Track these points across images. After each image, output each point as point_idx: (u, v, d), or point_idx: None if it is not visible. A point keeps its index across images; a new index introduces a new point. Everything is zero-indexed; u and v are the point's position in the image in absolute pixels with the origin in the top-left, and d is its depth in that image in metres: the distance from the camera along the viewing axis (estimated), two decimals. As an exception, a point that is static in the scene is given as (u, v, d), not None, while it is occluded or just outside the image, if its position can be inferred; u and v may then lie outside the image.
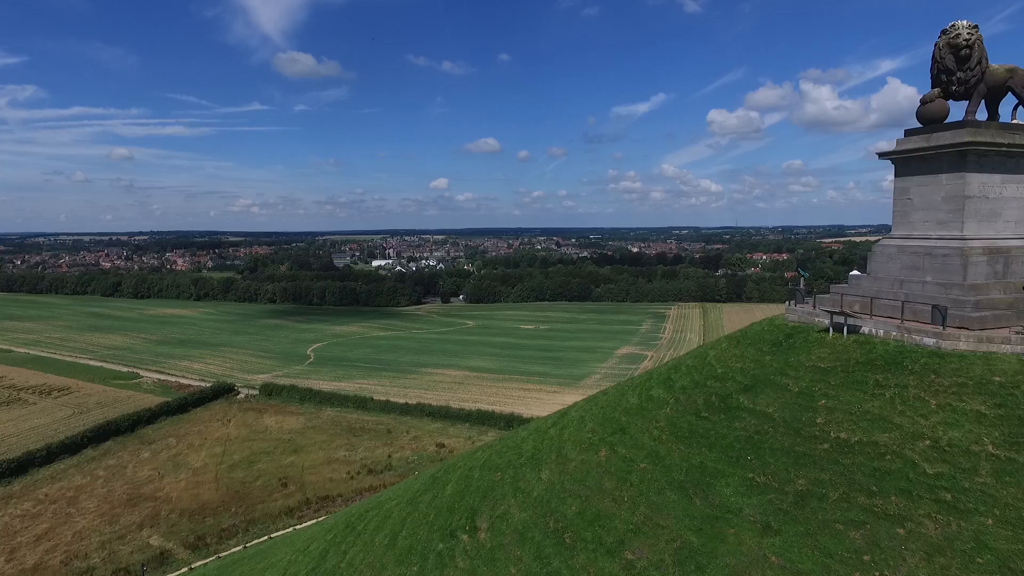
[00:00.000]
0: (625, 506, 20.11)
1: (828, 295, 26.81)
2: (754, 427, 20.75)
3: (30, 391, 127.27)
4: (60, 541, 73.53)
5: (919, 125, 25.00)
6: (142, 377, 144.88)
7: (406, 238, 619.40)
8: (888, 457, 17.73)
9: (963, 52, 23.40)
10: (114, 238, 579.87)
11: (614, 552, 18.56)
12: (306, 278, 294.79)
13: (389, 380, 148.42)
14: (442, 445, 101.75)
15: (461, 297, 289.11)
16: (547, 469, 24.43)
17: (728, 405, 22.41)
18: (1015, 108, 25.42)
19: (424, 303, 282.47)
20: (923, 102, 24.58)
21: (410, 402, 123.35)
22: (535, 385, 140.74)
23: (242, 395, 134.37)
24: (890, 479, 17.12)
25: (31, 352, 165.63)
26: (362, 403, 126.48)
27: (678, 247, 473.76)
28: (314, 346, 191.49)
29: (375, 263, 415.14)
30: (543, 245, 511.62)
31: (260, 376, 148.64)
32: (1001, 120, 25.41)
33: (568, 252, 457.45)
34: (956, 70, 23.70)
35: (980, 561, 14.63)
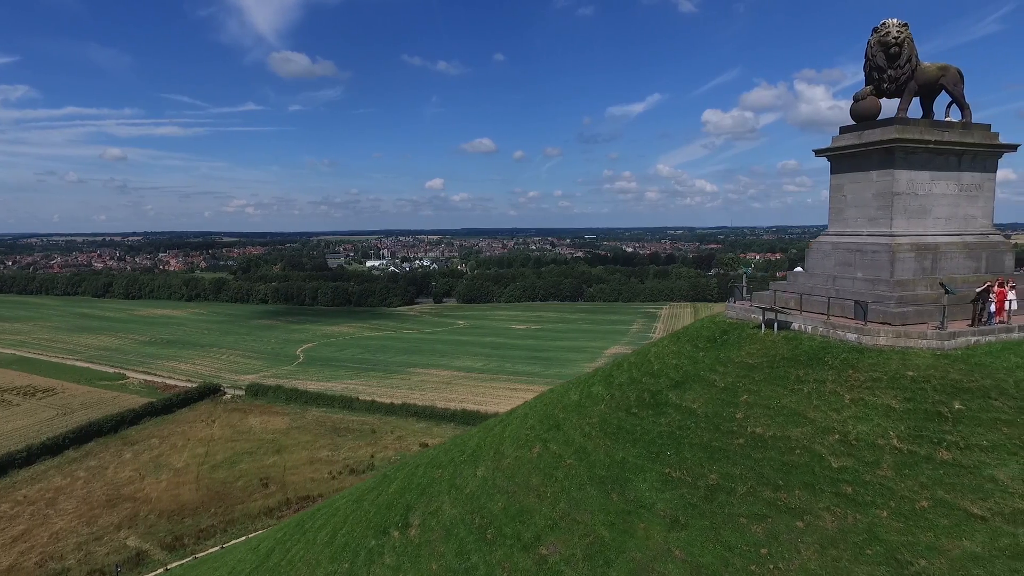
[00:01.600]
0: (547, 501, 20.22)
1: (767, 292, 26.95)
2: (678, 423, 20.87)
3: (14, 392, 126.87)
4: (36, 542, 73.30)
5: (852, 122, 25.15)
6: (128, 378, 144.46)
7: (401, 238, 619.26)
8: (797, 452, 17.86)
9: (892, 50, 23.56)
10: (107, 239, 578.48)
11: (530, 547, 18.66)
12: (298, 278, 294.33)
13: (377, 380, 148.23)
14: (426, 445, 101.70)
15: (453, 298, 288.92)
16: (483, 466, 24.53)
17: (657, 401, 22.53)
18: (948, 106, 25.63)
19: (416, 303, 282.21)
20: (855, 99, 24.74)
21: (396, 402, 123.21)
22: (523, 385, 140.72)
23: (228, 395, 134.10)
24: (796, 473, 17.25)
25: (17, 353, 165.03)
26: (348, 403, 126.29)
27: (672, 247, 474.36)
28: (304, 346, 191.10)
29: (369, 263, 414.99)
30: (538, 245, 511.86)
31: (247, 376, 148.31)
32: (936, 118, 25.62)
33: (562, 252, 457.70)
34: (887, 68, 23.87)
35: (869, 552, 14.77)
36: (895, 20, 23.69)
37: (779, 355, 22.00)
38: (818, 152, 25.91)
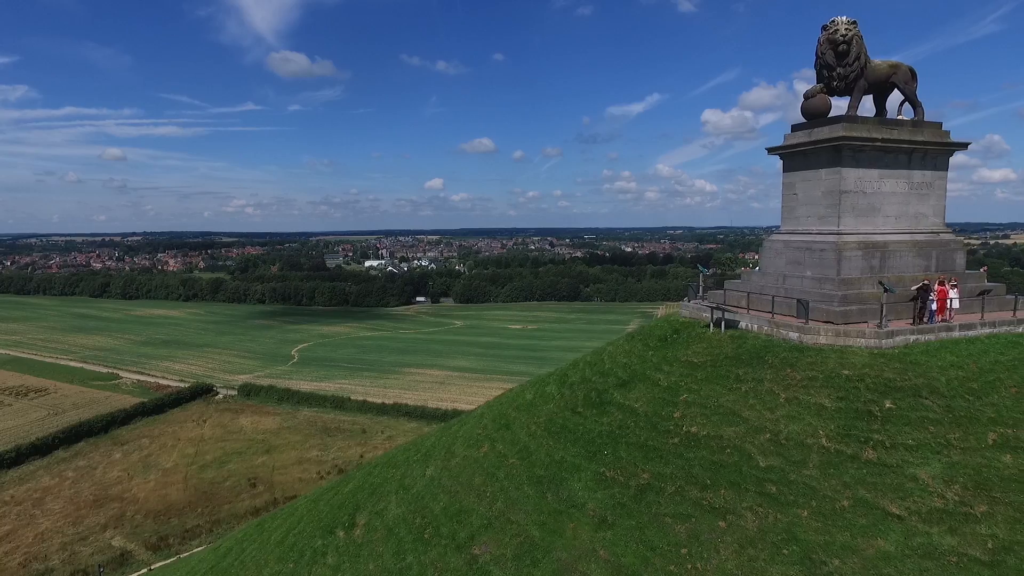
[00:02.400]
0: (486, 501, 20.16)
1: (721, 291, 26.87)
2: (619, 422, 20.80)
3: (6, 392, 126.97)
4: (21, 543, 73.25)
5: (804, 120, 25.06)
6: (121, 378, 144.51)
7: (400, 238, 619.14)
8: (728, 451, 17.79)
9: (841, 48, 23.47)
10: (107, 239, 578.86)
11: (463, 547, 18.61)
12: (296, 279, 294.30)
13: (370, 380, 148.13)
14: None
15: (451, 298, 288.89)
16: (433, 465, 24.48)
17: (603, 400, 22.46)
18: (901, 104, 25.53)
19: (413, 303, 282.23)
20: (806, 97, 24.65)
21: (387, 402, 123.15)
22: (516, 385, 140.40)
23: (221, 395, 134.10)
24: (724, 472, 17.18)
25: (11, 353, 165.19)
26: (340, 403, 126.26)
27: (671, 247, 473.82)
28: (299, 346, 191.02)
29: (368, 263, 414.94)
30: (537, 245, 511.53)
31: (241, 376, 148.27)
32: (888, 116, 25.53)
33: (561, 252, 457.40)
34: (836, 65, 23.77)
35: (786, 552, 14.70)
36: (844, 18, 23.59)
37: (723, 354, 21.92)
38: (771, 150, 25.83)
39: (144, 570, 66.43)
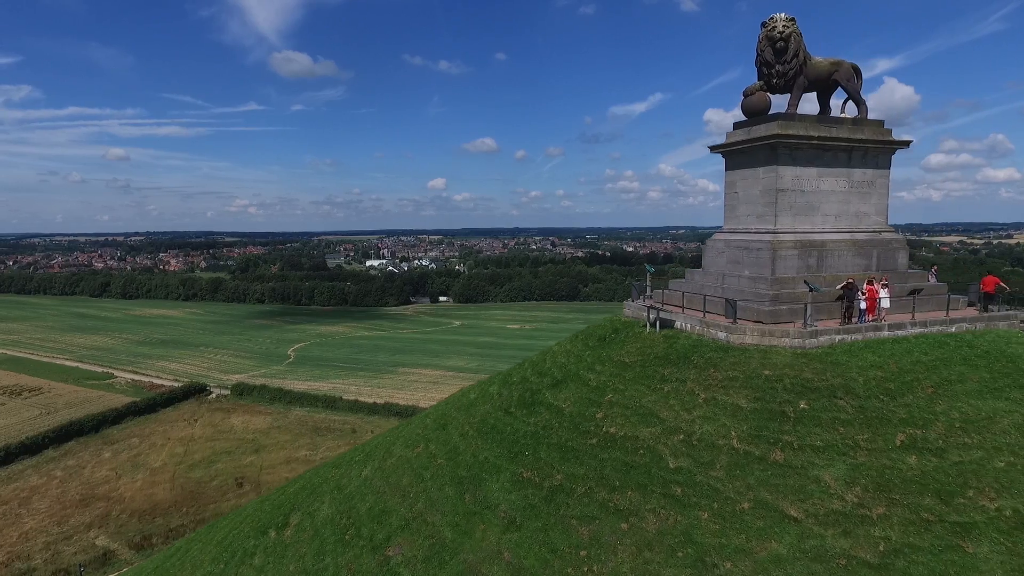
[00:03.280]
0: (408, 502, 20.04)
1: (666, 290, 26.66)
2: (544, 422, 20.64)
3: (0, 391, 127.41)
4: (5, 542, 73.42)
5: (745, 119, 24.84)
6: (116, 377, 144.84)
7: (402, 238, 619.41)
8: (641, 452, 17.61)
9: (779, 45, 23.22)
10: (110, 239, 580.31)
11: (378, 548, 18.49)
12: (295, 278, 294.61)
13: (364, 380, 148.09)
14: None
15: (450, 298, 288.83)
16: (371, 465, 24.37)
17: (535, 400, 22.30)
18: (844, 102, 25.31)
19: (412, 303, 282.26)
20: (745, 95, 24.41)
21: (379, 402, 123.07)
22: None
23: (214, 395, 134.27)
24: (634, 474, 17.01)
25: (8, 352, 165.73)
26: (331, 403, 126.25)
27: (673, 247, 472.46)
28: (296, 346, 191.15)
29: (369, 263, 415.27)
30: (538, 245, 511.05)
31: (236, 376, 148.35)
32: (833, 114, 25.30)
33: (562, 252, 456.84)
34: (775, 63, 23.53)
35: (681, 555, 14.52)
36: (782, 15, 23.36)
37: (654, 354, 21.74)
38: (713, 148, 25.60)
39: (126, 569, 66.49)
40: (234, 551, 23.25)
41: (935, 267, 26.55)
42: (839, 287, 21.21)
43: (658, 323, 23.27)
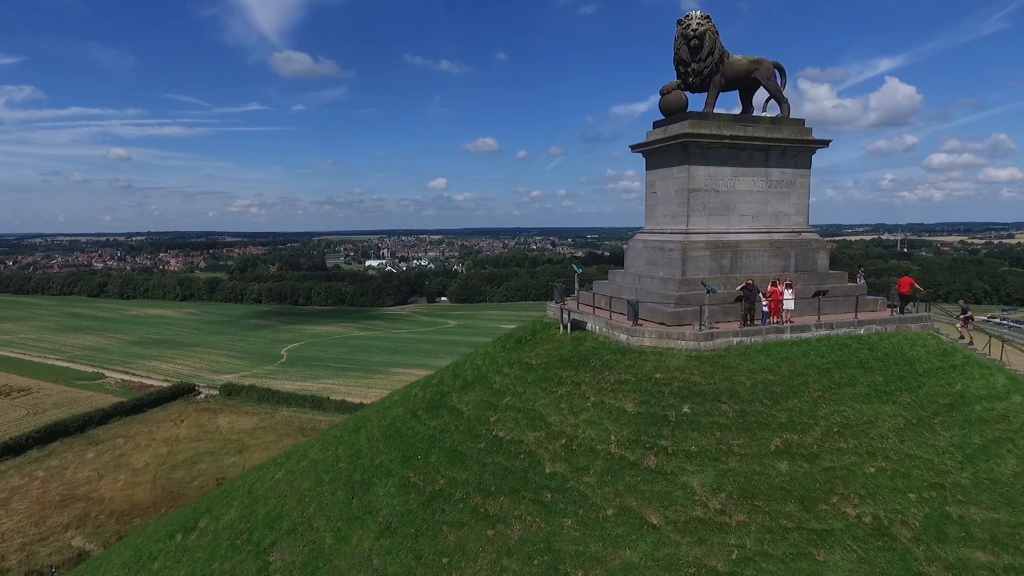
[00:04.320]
0: (302, 506, 19.80)
1: (588, 291, 26.32)
2: (443, 426, 20.37)
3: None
4: (-19, 542, 73.33)
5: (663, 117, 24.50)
6: (106, 377, 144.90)
7: (403, 238, 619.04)
8: (522, 456, 17.33)
9: (693, 43, 22.89)
10: (111, 239, 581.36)
11: (262, 554, 18.25)
12: (292, 278, 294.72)
13: (354, 380, 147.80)
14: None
15: (445, 298, 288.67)
16: (285, 468, 24.14)
17: (441, 404, 22.03)
18: (766, 101, 24.98)
19: (409, 303, 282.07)
20: (662, 93, 24.07)
21: (366, 402, 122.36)
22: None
23: (202, 395, 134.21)
24: (510, 479, 16.72)
25: (1, 353, 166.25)
26: (318, 403, 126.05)
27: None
28: (289, 346, 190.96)
29: (368, 263, 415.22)
30: (538, 245, 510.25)
31: (227, 376, 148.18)
32: (755, 113, 24.97)
33: (562, 252, 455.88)
34: (690, 61, 23.20)
35: (537, 563, 14.24)
36: (697, 12, 23.04)
37: (560, 356, 21.44)
38: (633, 148, 25.25)
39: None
40: (141, 555, 23.05)
41: (862, 267, 26.16)
42: (738, 288, 20.85)
43: (570, 325, 22.96)
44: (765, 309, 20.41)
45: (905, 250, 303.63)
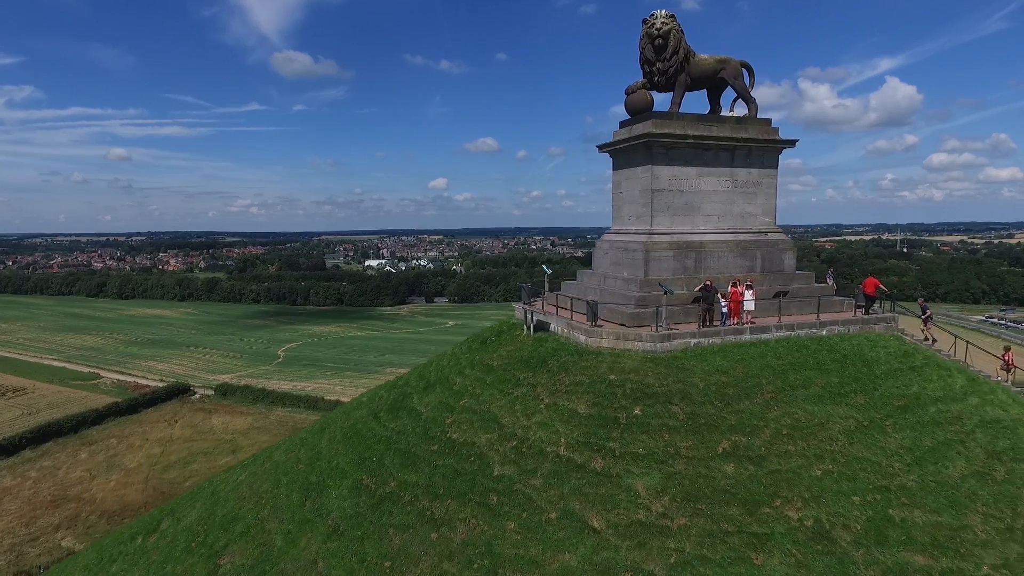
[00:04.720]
0: (258, 508, 19.69)
1: (556, 292, 26.19)
2: (401, 427, 20.26)
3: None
4: (-30, 542, 73.28)
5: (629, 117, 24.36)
6: (102, 378, 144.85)
7: (403, 238, 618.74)
8: (472, 459, 17.20)
9: (658, 42, 22.75)
10: (111, 239, 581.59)
11: (214, 557, 18.14)
12: (291, 278, 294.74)
13: (350, 380, 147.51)
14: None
15: (445, 298, 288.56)
16: (249, 470, 24.06)
17: (402, 405, 21.93)
18: (734, 100, 24.83)
19: (408, 303, 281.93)
20: (627, 92, 23.92)
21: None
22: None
23: (197, 395, 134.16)
24: (459, 481, 16.60)
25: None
26: (313, 403, 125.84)
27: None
28: (286, 346, 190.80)
29: (367, 263, 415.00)
30: (538, 245, 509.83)
31: (223, 376, 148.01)
32: (723, 112, 24.81)
33: (562, 252, 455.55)
34: (655, 60, 23.06)
35: (476, 567, 14.11)
36: (662, 12, 22.88)
37: (520, 357, 21.31)
38: (600, 148, 25.12)
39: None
40: (102, 557, 22.96)
41: (832, 268, 26.02)
42: (696, 289, 20.70)
43: (533, 326, 22.83)
44: (725, 310, 20.25)
45: (905, 250, 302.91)
